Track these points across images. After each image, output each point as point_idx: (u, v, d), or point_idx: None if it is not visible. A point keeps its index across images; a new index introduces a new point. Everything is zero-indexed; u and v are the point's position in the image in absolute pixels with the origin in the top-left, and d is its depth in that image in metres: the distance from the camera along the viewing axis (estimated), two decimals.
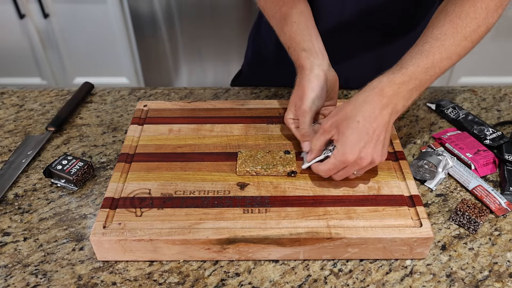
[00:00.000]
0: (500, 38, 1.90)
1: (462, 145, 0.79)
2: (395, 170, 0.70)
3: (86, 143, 0.83)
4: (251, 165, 0.69)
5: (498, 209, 0.68)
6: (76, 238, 0.65)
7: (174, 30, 1.98)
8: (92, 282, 0.59)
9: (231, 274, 0.60)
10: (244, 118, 0.81)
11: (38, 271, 0.61)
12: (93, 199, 0.71)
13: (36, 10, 1.83)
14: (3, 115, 0.91)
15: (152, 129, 0.79)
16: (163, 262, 0.62)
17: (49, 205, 0.70)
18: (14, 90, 0.98)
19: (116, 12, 1.83)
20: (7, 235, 0.66)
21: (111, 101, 0.95)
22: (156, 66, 2.09)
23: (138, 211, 0.63)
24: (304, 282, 0.59)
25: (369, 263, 0.62)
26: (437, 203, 0.71)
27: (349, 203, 0.64)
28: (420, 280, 0.60)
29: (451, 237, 0.65)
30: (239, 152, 0.72)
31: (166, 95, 0.97)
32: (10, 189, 0.73)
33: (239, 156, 0.71)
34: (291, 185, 0.67)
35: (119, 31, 1.89)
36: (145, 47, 2.01)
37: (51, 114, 0.91)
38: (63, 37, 1.93)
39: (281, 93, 0.96)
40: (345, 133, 0.61)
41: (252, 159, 0.70)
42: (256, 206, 0.63)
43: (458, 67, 1.99)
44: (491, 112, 0.91)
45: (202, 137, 0.77)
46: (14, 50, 1.98)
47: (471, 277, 0.60)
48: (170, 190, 0.66)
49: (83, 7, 1.83)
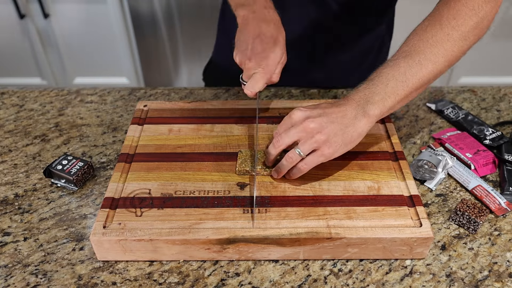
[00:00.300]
0: (500, 38, 1.90)
1: (462, 145, 0.79)
2: (395, 170, 0.70)
3: (86, 143, 0.83)
4: (250, 164, 0.69)
5: (497, 209, 0.68)
6: (76, 238, 0.65)
7: (174, 30, 1.98)
8: (92, 282, 0.59)
9: (231, 274, 0.60)
10: (244, 118, 0.81)
11: (38, 271, 0.61)
12: (93, 199, 0.71)
13: (36, 10, 1.83)
14: (3, 115, 0.91)
15: (152, 129, 0.79)
16: (163, 262, 0.62)
17: (49, 205, 0.70)
18: (14, 90, 0.98)
19: (116, 12, 1.83)
20: (7, 235, 0.66)
21: (111, 101, 0.95)
22: (156, 66, 2.09)
23: (138, 211, 0.63)
24: (304, 282, 0.59)
25: (369, 263, 0.62)
26: (437, 203, 0.71)
27: (349, 203, 0.64)
28: (420, 280, 0.60)
29: (451, 237, 0.65)
30: (239, 151, 0.72)
31: (166, 95, 0.97)
32: (10, 189, 0.73)
33: (239, 155, 0.71)
34: (291, 185, 0.67)
35: (119, 31, 1.89)
36: (145, 47, 2.01)
37: (51, 114, 0.91)
38: (63, 37, 1.93)
39: (281, 93, 0.96)
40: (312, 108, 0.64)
41: (252, 159, 0.70)
42: (256, 206, 0.64)
43: (458, 67, 1.99)
44: (490, 112, 0.91)
45: (202, 137, 0.77)
46: (14, 50, 1.98)
47: (471, 277, 0.60)
48: (170, 190, 0.66)
49: (83, 7, 1.83)
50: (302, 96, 0.95)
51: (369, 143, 0.75)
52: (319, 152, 0.62)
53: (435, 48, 0.65)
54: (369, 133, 0.77)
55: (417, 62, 0.65)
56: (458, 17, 0.65)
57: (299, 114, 0.63)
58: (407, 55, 0.66)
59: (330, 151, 0.62)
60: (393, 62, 0.66)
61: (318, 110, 0.63)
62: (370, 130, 0.77)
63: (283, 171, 0.66)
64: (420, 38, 0.66)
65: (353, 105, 0.63)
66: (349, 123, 0.62)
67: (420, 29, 0.68)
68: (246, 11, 0.73)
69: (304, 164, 0.63)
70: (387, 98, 0.64)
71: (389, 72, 0.65)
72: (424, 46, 0.65)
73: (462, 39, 0.66)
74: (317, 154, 0.62)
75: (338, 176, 0.69)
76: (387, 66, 0.66)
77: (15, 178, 0.76)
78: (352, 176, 0.69)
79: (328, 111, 0.63)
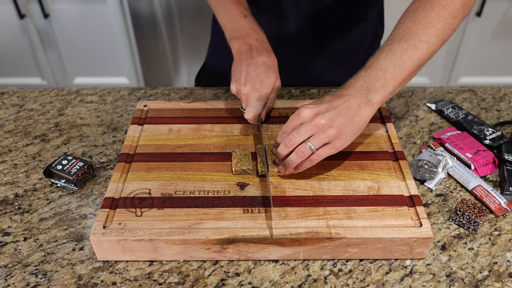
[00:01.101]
0: (500, 38, 1.90)
1: (462, 145, 0.79)
2: (395, 170, 0.70)
3: (86, 143, 0.83)
4: (246, 163, 0.69)
5: (498, 209, 0.68)
6: (76, 238, 0.65)
7: (174, 30, 1.98)
8: (92, 282, 0.59)
9: (231, 274, 0.60)
10: (244, 118, 0.81)
11: (38, 271, 0.61)
12: (93, 199, 0.71)
13: (36, 10, 1.83)
14: (3, 115, 0.91)
15: (152, 129, 0.79)
16: (163, 262, 0.62)
17: (49, 205, 0.70)
18: (14, 90, 0.98)
19: (116, 12, 1.83)
20: (7, 235, 0.66)
21: (111, 101, 0.95)
22: (156, 66, 2.09)
23: (138, 211, 0.63)
24: (304, 282, 0.59)
25: (369, 263, 0.62)
26: (437, 203, 0.71)
27: (349, 203, 0.64)
28: (420, 280, 0.60)
29: (451, 237, 0.65)
30: (233, 151, 0.72)
31: (166, 95, 0.97)
32: (10, 189, 0.73)
33: (234, 155, 0.71)
34: (291, 185, 0.67)
35: (119, 31, 1.89)
36: (145, 47, 2.01)
37: (51, 114, 0.91)
38: (63, 37, 1.93)
39: (280, 93, 0.96)
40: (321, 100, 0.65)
41: (247, 158, 0.70)
42: (256, 206, 0.64)
43: (458, 67, 2.00)
44: (490, 112, 0.91)
45: (202, 137, 0.77)
46: (14, 50, 1.98)
47: (471, 277, 0.60)
48: (170, 190, 0.66)
49: (83, 7, 1.83)
50: (302, 96, 0.95)
51: (369, 143, 0.75)
52: (330, 145, 0.63)
53: (428, 29, 0.67)
54: (369, 133, 0.77)
55: (412, 44, 0.66)
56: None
57: (308, 112, 0.63)
58: (401, 39, 0.67)
59: (340, 143, 0.63)
60: (388, 47, 0.67)
61: (325, 104, 0.63)
62: (370, 130, 0.78)
63: (292, 165, 0.65)
64: (413, 20, 0.68)
65: (355, 94, 0.64)
66: (355, 113, 0.63)
67: (411, 10, 0.69)
68: (239, 43, 0.76)
69: (315, 156, 0.64)
70: (387, 84, 0.65)
71: (386, 57, 0.66)
72: (417, 28, 0.67)
73: (452, 17, 0.68)
74: (328, 147, 0.63)
75: (338, 176, 0.69)
76: (383, 51, 0.67)
77: (15, 178, 0.76)
78: (352, 176, 0.69)
79: (334, 104, 0.63)
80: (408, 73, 0.66)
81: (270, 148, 0.72)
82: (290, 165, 0.65)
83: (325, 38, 0.97)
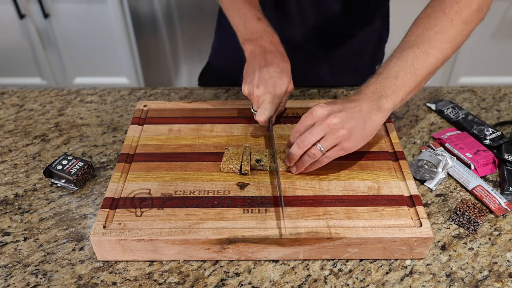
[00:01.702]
0: (500, 38, 1.90)
1: (462, 145, 0.79)
2: (395, 170, 0.70)
3: (86, 143, 0.83)
4: (235, 162, 0.69)
5: (497, 209, 0.68)
6: (76, 238, 0.65)
7: (174, 30, 1.98)
8: (92, 282, 0.59)
9: (231, 274, 0.60)
10: (244, 118, 0.81)
11: (38, 271, 0.61)
12: (93, 199, 0.71)
13: (36, 10, 1.83)
14: (3, 115, 0.91)
15: (152, 129, 0.79)
16: (163, 262, 0.62)
17: (49, 205, 0.70)
18: (14, 90, 0.98)
19: (116, 12, 1.83)
20: (7, 235, 0.66)
21: (111, 101, 0.95)
22: (156, 66, 2.09)
23: (138, 211, 0.63)
24: (304, 282, 0.59)
25: (369, 263, 0.62)
26: (437, 203, 0.71)
27: (349, 203, 0.64)
28: (420, 280, 0.60)
29: (450, 237, 0.65)
30: (226, 149, 0.72)
31: (166, 95, 0.97)
32: (10, 189, 0.73)
33: (226, 153, 0.71)
34: (291, 185, 0.67)
35: (119, 31, 1.89)
36: (145, 47, 2.01)
37: (51, 114, 0.91)
38: (63, 37, 1.93)
39: None
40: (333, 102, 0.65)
41: (238, 157, 0.70)
42: (256, 206, 0.64)
43: (458, 67, 2.00)
44: (490, 112, 0.91)
45: (202, 137, 0.77)
46: (14, 50, 1.98)
47: (471, 277, 0.60)
48: (170, 190, 0.66)
49: (83, 7, 1.84)
50: (302, 96, 0.95)
51: (369, 143, 0.75)
52: (339, 147, 0.63)
53: (440, 35, 0.66)
54: None
55: (424, 51, 0.65)
56: (460, 2, 0.65)
57: (321, 111, 0.63)
58: (413, 45, 0.66)
59: (350, 145, 0.63)
60: (400, 54, 0.66)
61: (338, 105, 0.63)
62: None
63: (303, 166, 0.66)
64: (425, 26, 0.67)
65: (366, 100, 0.64)
66: (367, 118, 0.63)
67: (424, 16, 0.68)
68: (253, 46, 0.75)
69: (325, 157, 0.64)
70: (398, 91, 0.64)
71: (397, 64, 0.65)
72: (429, 34, 0.66)
73: (465, 24, 0.66)
74: (338, 148, 0.63)
75: (338, 176, 0.69)
76: (395, 57, 0.66)
77: (15, 178, 0.76)
78: (352, 176, 0.69)
79: (347, 106, 0.63)
80: (419, 79, 0.65)
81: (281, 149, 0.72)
82: (301, 166, 0.66)
83: (330, 42, 0.97)
